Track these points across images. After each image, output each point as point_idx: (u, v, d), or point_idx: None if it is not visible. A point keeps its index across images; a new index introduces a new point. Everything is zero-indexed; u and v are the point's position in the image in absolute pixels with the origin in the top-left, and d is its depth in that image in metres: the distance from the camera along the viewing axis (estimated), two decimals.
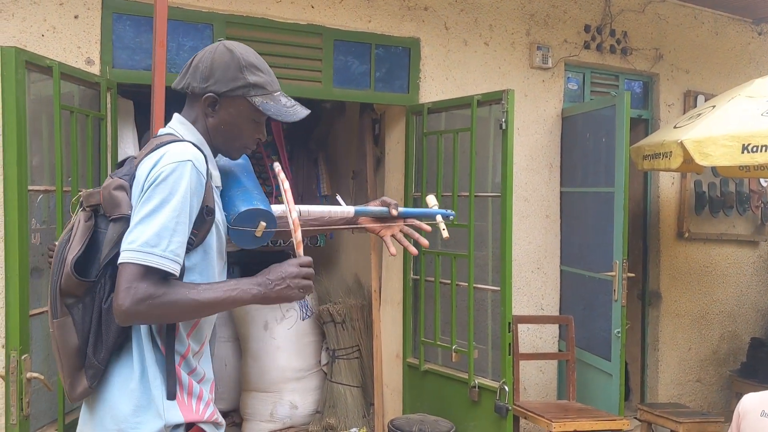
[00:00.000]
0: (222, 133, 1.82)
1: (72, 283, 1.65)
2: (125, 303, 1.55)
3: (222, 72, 1.76)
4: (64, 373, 1.71)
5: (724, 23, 5.84)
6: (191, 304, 1.61)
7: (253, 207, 1.77)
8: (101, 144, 3.30)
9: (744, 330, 5.95)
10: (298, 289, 1.70)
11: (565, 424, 3.91)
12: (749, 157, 3.77)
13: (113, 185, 1.68)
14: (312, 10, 4.07)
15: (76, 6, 3.44)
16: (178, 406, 1.68)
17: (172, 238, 1.59)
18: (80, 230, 1.69)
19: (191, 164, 1.65)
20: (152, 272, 1.57)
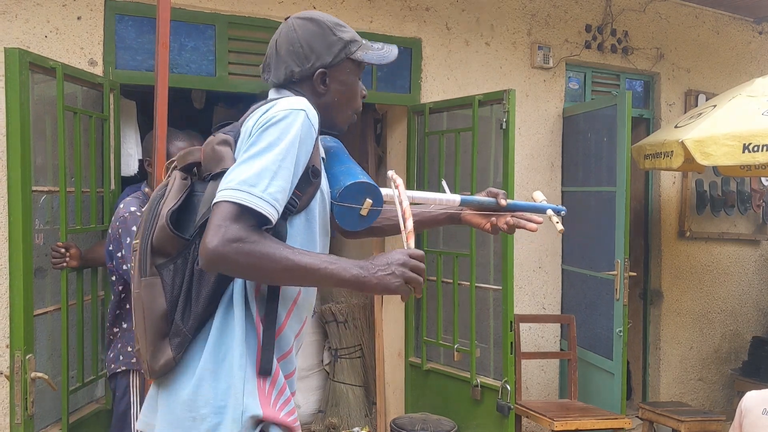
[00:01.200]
0: (336, 105, 1.72)
1: (166, 238, 1.50)
2: (213, 242, 1.38)
3: (319, 43, 1.67)
4: (146, 340, 1.52)
5: (725, 22, 5.84)
6: (283, 263, 1.42)
7: (360, 180, 1.65)
8: (104, 144, 3.31)
9: (745, 329, 5.95)
10: (404, 279, 1.50)
11: (567, 423, 3.91)
12: (750, 156, 3.77)
13: (217, 140, 1.57)
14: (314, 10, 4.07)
15: (79, 7, 3.45)
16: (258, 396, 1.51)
17: (273, 181, 1.45)
18: (176, 186, 1.56)
19: (305, 114, 1.52)
20: (247, 214, 1.42)
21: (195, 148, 1.61)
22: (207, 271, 1.48)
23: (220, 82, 3.87)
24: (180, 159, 1.61)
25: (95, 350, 3.20)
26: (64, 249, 2.92)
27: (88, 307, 3.16)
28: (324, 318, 4.87)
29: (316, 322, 4.92)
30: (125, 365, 2.77)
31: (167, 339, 1.50)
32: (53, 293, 2.99)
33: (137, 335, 1.55)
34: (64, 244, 2.92)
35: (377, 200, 1.66)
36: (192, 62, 3.81)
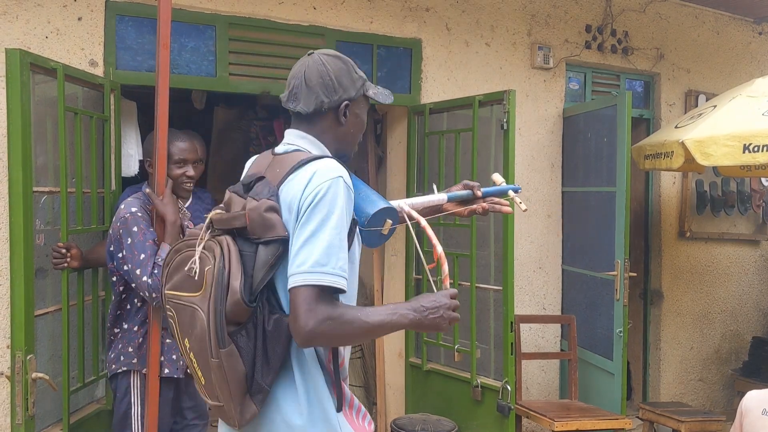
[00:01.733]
0: (352, 135, 1.91)
1: (240, 310, 1.63)
2: (308, 324, 1.57)
3: (346, 78, 1.85)
4: (232, 401, 1.67)
5: (725, 23, 5.85)
6: (363, 327, 1.65)
7: (381, 208, 1.83)
8: (105, 145, 3.32)
9: (746, 329, 5.95)
10: (448, 320, 1.76)
11: (568, 423, 3.92)
12: (750, 156, 3.78)
13: (264, 207, 1.67)
14: (314, 11, 4.09)
15: (79, 8, 3.46)
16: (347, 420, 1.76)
17: (339, 254, 1.63)
18: (234, 256, 1.66)
19: (342, 180, 1.68)
20: (326, 291, 1.61)
21: (238, 213, 1.70)
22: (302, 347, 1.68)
23: (220, 83, 3.87)
24: (223, 222, 1.72)
25: (96, 351, 3.20)
26: (65, 249, 2.92)
27: (89, 307, 3.16)
28: None
29: None
30: (126, 366, 2.77)
31: (249, 396, 1.68)
32: (54, 294, 3.00)
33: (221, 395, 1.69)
34: (65, 245, 2.93)
35: (394, 218, 1.87)
36: (192, 63, 3.81)
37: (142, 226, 2.67)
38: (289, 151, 1.82)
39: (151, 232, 2.68)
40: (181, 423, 2.95)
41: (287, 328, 1.66)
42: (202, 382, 1.72)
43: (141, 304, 2.76)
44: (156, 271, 2.58)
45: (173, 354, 2.81)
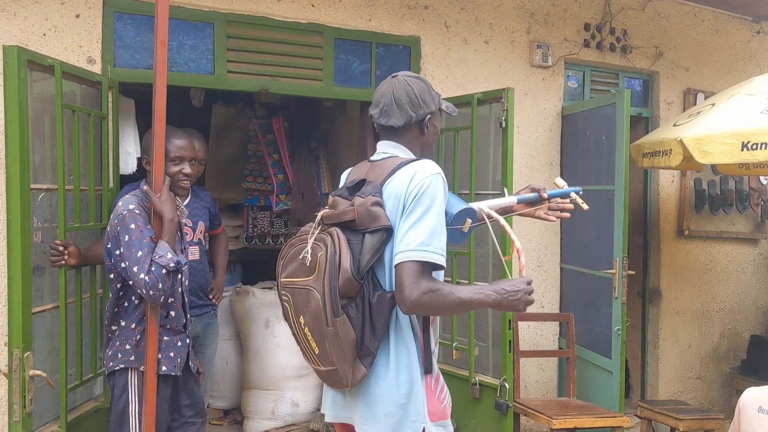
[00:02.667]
0: (431, 143, 2.25)
1: (351, 285, 1.96)
2: (413, 294, 1.90)
3: (427, 96, 2.18)
4: (346, 363, 1.99)
5: (724, 21, 5.85)
6: (456, 300, 1.95)
7: (462, 208, 2.12)
8: (103, 143, 3.31)
9: (744, 327, 5.96)
10: (525, 303, 2.00)
11: (566, 421, 3.92)
12: (749, 154, 3.78)
13: (370, 202, 2.01)
14: (312, 8, 4.08)
15: (77, 5, 3.45)
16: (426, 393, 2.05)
17: (440, 237, 1.96)
18: (343, 242, 2.00)
19: (440, 176, 2.02)
20: (428, 267, 1.94)
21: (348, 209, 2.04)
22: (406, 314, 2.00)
23: (218, 81, 3.87)
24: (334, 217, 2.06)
25: (94, 348, 3.21)
26: (63, 247, 2.92)
27: (87, 305, 3.17)
28: None
29: None
30: (123, 363, 2.77)
31: (359, 359, 2.01)
32: (52, 291, 3.00)
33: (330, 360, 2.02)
34: (63, 242, 2.93)
35: (473, 217, 2.16)
36: (191, 61, 3.81)
37: (140, 223, 2.66)
38: (385, 158, 2.16)
39: (149, 230, 2.68)
40: (179, 420, 2.95)
41: (388, 302, 1.99)
42: (316, 352, 2.04)
43: (138, 301, 2.76)
44: (153, 269, 2.58)
45: (171, 351, 2.81)
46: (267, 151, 5.54)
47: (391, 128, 2.18)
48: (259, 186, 5.66)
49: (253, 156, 5.64)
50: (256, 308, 4.80)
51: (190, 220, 3.54)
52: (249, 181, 5.63)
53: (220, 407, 5.04)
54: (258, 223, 5.70)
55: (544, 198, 2.51)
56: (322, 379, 2.14)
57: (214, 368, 4.03)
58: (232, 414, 5.02)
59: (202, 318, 3.67)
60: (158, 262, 2.59)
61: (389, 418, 2.01)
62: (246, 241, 5.75)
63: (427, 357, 2.06)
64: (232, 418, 4.99)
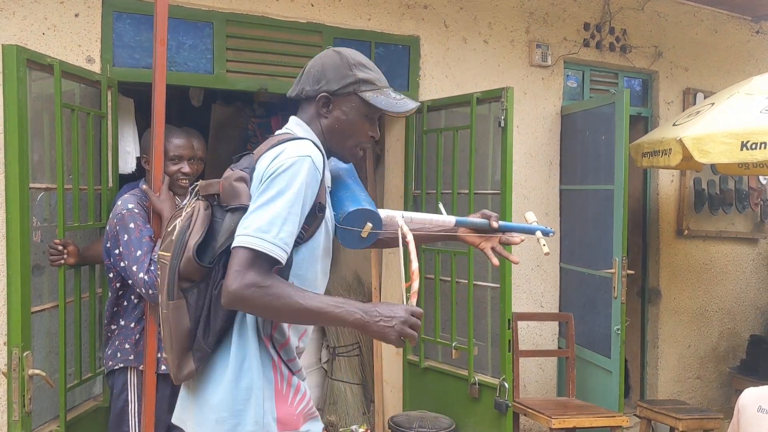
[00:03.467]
0: (336, 132, 1.88)
1: (191, 268, 1.72)
2: (233, 285, 1.62)
3: (333, 72, 1.85)
4: (173, 354, 1.77)
5: (723, 21, 5.85)
6: (294, 306, 1.66)
7: (362, 207, 1.85)
8: (102, 142, 3.31)
9: (743, 327, 5.96)
10: (400, 335, 1.71)
11: (565, 420, 3.92)
12: (748, 154, 3.78)
13: (234, 176, 1.76)
14: (312, 8, 4.08)
15: (76, 4, 3.45)
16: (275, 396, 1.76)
17: (283, 227, 1.66)
18: (200, 218, 1.76)
19: (310, 160, 1.72)
20: (262, 258, 1.64)
21: (215, 180, 1.81)
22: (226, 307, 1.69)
23: (217, 80, 3.86)
24: (202, 188, 1.82)
25: (93, 347, 3.20)
26: (62, 246, 2.92)
27: (86, 304, 3.16)
28: None
29: None
30: (123, 362, 2.77)
31: (191, 353, 1.75)
32: (51, 290, 2.99)
33: (165, 347, 1.80)
34: (62, 242, 2.92)
35: (377, 224, 1.86)
36: (190, 60, 3.81)
37: (139, 222, 2.67)
38: (281, 133, 1.89)
39: (148, 229, 2.68)
40: None
41: None
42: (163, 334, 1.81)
43: (138, 300, 2.76)
44: (153, 268, 2.58)
45: None
46: None
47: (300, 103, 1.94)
48: None
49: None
50: None
51: None
52: None
53: None
54: None
55: (494, 227, 2.11)
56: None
57: None
58: None
59: None
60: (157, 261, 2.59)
61: (220, 426, 1.74)
62: None
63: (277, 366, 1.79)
64: None
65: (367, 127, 1.91)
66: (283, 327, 1.80)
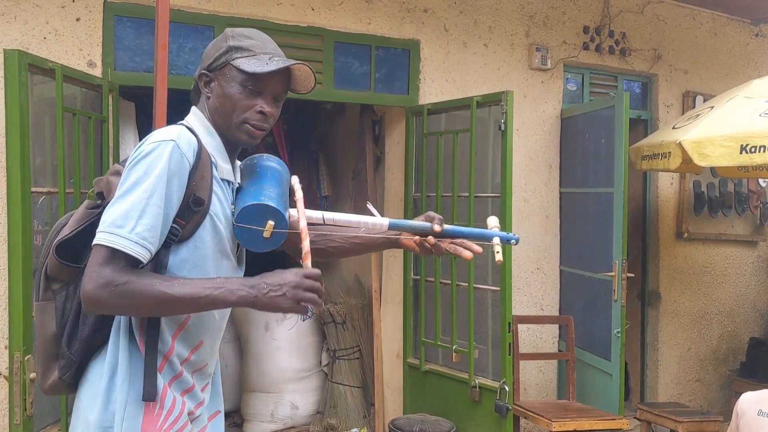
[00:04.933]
0: (219, 110, 1.68)
1: (55, 267, 1.59)
2: (87, 286, 1.46)
3: (212, 48, 1.72)
4: (39, 360, 1.64)
5: (723, 24, 5.86)
6: (159, 297, 1.47)
7: (258, 202, 1.62)
8: (103, 146, 3.32)
9: (743, 330, 5.96)
10: (295, 301, 1.53)
11: (565, 423, 3.92)
12: (747, 157, 3.78)
13: (111, 170, 1.64)
14: (312, 12, 4.09)
15: (77, 9, 3.46)
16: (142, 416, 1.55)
17: (140, 221, 1.48)
18: (77, 214, 1.63)
19: (173, 144, 1.53)
20: (118, 256, 1.47)
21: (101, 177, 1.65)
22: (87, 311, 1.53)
23: None
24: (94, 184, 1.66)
25: None
26: None
27: None
28: (322, 319, 4.88)
29: (314, 324, 4.92)
30: None
31: (56, 361, 1.60)
32: None
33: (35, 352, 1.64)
34: None
35: (280, 222, 1.62)
36: (191, 63, 3.82)
37: None
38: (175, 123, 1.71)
39: None
40: None
41: None
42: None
43: None
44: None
45: None
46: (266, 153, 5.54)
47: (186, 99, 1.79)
48: None
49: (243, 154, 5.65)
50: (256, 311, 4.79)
51: None
52: None
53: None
54: None
55: (436, 231, 1.79)
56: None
57: None
58: (231, 417, 5.02)
59: None
60: None
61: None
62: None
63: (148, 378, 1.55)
64: (231, 421, 4.99)
65: (248, 100, 1.66)
66: (164, 334, 1.59)
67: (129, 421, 1.53)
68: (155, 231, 1.50)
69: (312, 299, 1.54)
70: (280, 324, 4.78)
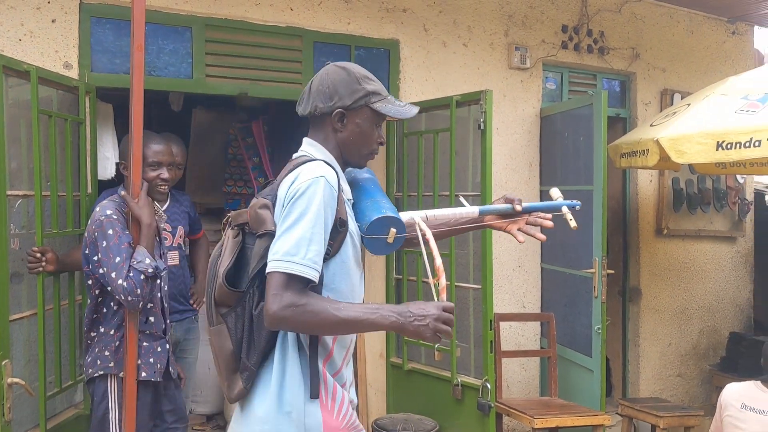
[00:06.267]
0: (352, 144, 1.97)
1: (224, 294, 1.85)
2: (272, 308, 1.72)
3: (344, 87, 1.93)
4: (222, 376, 1.89)
5: (700, 22, 5.92)
6: (331, 319, 1.74)
7: (383, 215, 1.91)
8: (80, 148, 3.30)
9: (723, 325, 6.02)
10: (435, 332, 1.78)
11: (548, 420, 3.94)
12: (724, 154, 3.82)
13: (258, 205, 1.86)
14: (291, 12, 4.08)
15: (53, 10, 3.43)
16: (319, 408, 1.83)
17: (309, 247, 1.75)
18: (229, 246, 1.88)
19: (324, 180, 1.80)
20: (294, 280, 1.74)
21: (244, 210, 1.93)
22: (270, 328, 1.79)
23: (197, 85, 3.86)
24: (233, 218, 1.93)
25: (73, 355, 3.18)
26: (40, 253, 2.91)
27: (65, 311, 3.14)
28: None
29: None
30: (102, 370, 2.75)
31: (238, 373, 1.86)
32: (30, 298, 2.97)
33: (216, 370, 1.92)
34: (40, 249, 2.91)
35: (400, 228, 1.93)
36: (170, 65, 3.80)
37: (118, 229, 2.66)
38: (296, 157, 1.97)
39: (127, 235, 2.67)
40: (162, 426, 2.94)
41: None
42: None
43: (117, 307, 2.75)
44: (132, 274, 2.57)
45: (150, 357, 2.80)
46: (247, 154, 5.52)
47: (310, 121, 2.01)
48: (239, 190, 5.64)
49: (233, 160, 5.62)
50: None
51: (169, 225, 3.53)
52: (229, 185, 5.61)
53: (202, 413, 5.02)
54: None
55: (518, 211, 2.16)
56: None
57: (196, 373, 4.01)
58: (215, 419, 5.00)
59: (182, 323, 3.65)
60: (136, 267, 2.59)
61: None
62: None
63: (314, 379, 1.83)
64: (215, 424, 4.97)
65: (377, 135, 2.01)
66: (326, 340, 1.88)
67: (310, 418, 1.81)
68: (321, 254, 1.79)
69: (447, 331, 1.80)
70: None
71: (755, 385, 3.20)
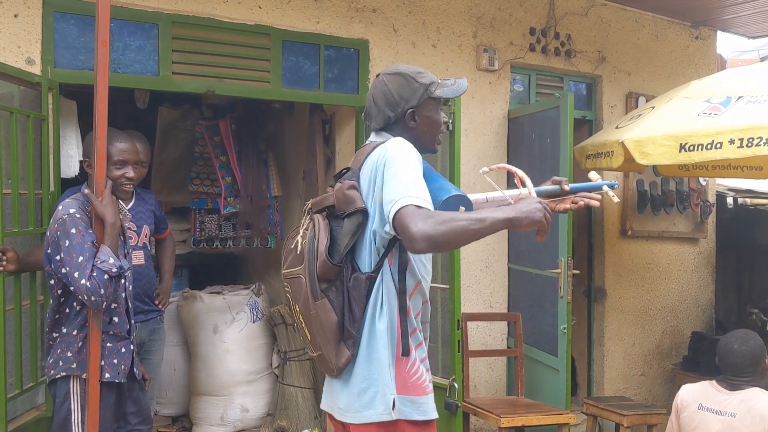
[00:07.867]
0: (427, 132, 2.22)
1: (326, 268, 2.04)
2: (425, 228, 1.84)
3: (406, 91, 2.17)
4: (329, 346, 2.06)
5: (664, 27, 6.02)
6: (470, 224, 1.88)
7: (453, 195, 2.11)
8: (43, 145, 3.23)
9: (685, 324, 6.13)
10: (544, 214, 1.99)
11: (514, 419, 3.97)
12: (686, 155, 3.89)
13: (346, 186, 2.08)
14: (259, 10, 4.06)
15: (15, 5, 3.36)
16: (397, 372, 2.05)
17: (415, 187, 1.93)
18: (323, 227, 2.08)
19: (408, 145, 2.06)
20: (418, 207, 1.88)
21: (328, 194, 2.14)
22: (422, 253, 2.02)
23: (163, 82, 3.81)
24: (316, 204, 2.15)
25: (34, 356, 3.12)
26: (1, 252, 2.84)
27: (27, 311, 3.08)
28: (273, 321, 4.84)
29: (264, 325, 4.88)
30: (65, 371, 2.70)
31: (342, 342, 2.07)
32: None
33: (318, 344, 2.10)
34: (1, 248, 2.85)
35: (468, 205, 2.11)
36: (136, 62, 3.75)
37: (81, 227, 2.61)
38: (367, 144, 2.20)
39: (90, 234, 2.63)
40: (125, 428, 2.90)
41: (363, 284, 2.04)
42: (309, 338, 2.12)
43: (80, 307, 2.70)
44: (95, 274, 2.53)
45: (114, 358, 2.76)
46: (214, 153, 5.47)
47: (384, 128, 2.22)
48: (206, 189, 5.59)
49: (200, 158, 5.57)
50: (204, 313, 4.74)
51: (133, 224, 3.49)
52: (196, 184, 5.56)
53: (167, 414, 4.96)
54: (205, 227, 5.62)
55: (566, 190, 2.38)
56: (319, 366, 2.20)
57: (161, 375, 3.97)
58: (180, 421, 4.95)
59: (147, 324, 3.61)
60: (100, 267, 2.54)
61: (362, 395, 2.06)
62: (193, 245, 5.67)
63: (404, 339, 2.06)
64: (180, 425, 4.91)
65: (441, 117, 2.26)
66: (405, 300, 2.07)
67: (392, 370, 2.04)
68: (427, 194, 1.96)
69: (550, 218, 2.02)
70: (229, 326, 4.73)
71: (711, 385, 3.22)
